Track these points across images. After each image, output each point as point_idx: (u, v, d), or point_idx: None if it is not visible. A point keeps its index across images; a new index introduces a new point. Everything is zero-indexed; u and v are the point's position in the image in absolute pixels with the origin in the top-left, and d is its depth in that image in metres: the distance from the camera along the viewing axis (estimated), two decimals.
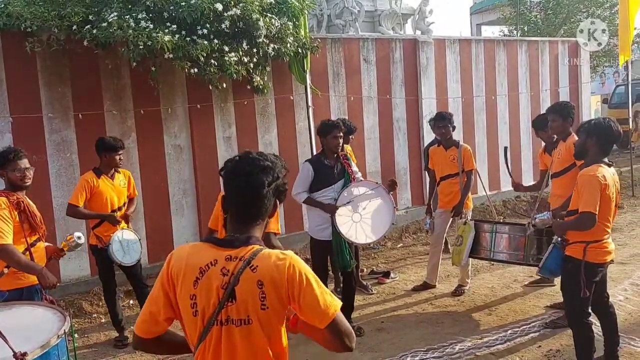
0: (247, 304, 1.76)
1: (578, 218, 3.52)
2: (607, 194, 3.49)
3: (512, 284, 5.95)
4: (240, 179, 1.83)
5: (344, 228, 4.63)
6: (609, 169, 3.57)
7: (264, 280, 1.75)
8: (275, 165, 1.87)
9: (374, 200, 4.77)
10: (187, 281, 1.81)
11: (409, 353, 4.45)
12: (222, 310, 1.77)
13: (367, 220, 4.73)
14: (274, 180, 1.85)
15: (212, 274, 1.79)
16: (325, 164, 4.78)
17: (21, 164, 3.69)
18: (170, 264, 1.86)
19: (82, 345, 5.00)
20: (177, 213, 6.60)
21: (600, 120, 3.65)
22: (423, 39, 8.62)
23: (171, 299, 1.84)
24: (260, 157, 1.87)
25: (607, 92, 19.26)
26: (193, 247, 1.89)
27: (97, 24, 5.37)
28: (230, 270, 1.78)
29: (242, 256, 1.79)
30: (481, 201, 8.38)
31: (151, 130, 6.37)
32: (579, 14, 18.74)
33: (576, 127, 4.15)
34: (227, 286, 1.76)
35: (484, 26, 27.90)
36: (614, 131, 3.57)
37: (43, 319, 2.89)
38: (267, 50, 6.16)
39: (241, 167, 1.84)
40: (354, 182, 4.77)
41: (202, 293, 1.79)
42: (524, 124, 9.91)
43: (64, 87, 5.87)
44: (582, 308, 3.67)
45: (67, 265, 5.90)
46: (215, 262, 1.80)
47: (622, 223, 8.18)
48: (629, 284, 5.67)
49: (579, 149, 3.73)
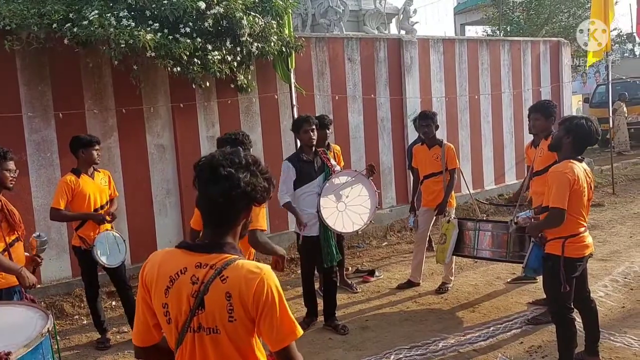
0: (215, 314, 1.74)
1: (547, 215, 3.60)
2: (577, 189, 3.54)
3: (494, 282, 6.01)
4: (203, 182, 1.78)
5: (331, 220, 4.66)
6: (579, 164, 3.64)
7: (232, 293, 1.72)
8: (244, 167, 1.78)
9: (356, 187, 4.83)
10: (159, 289, 1.80)
11: (392, 351, 4.47)
12: (194, 318, 1.76)
13: (351, 207, 4.78)
14: (233, 187, 1.74)
15: (181, 283, 1.77)
16: (304, 160, 4.81)
17: (11, 165, 3.66)
18: (145, 272, 1.86)
19: (64, 347, 4.94)
20: (160, 213, 6.55)
21: (583, 122, 3.67)
22: (407, 39, 8.66)
23: (150, 305, 1.85)
24: (226, 158, 1.78)
25: (589, 92, 19.53)
26: (166, 253, 1.87)
27: (78, 22, 5.30)
28: (199, 279, 1.75)
29: (214, 264, 1.76)
30: (464, 199, 8.44)
31: (133, 130, 6.31)
32: (561, 14, 18.98)
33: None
34: (197, 295, 1.75)
35: (467, 26, 28.13)
36: (593, 135, 3.64)
37: (25, 318, 2.85)
38: (251, 49, 6.13)
39: (206, 169, 1.79)
40: (334, 174, 4.80)
41: (173, 301, 1.78)
42: (507, 123, 10.01)
43: (44, 86, 5.79)
44: (564, 303, 3.72)
45: (47, 267, 5.80)
46: (184, 270, 1.78)
47: (602, 220, 8.30)
48: (609, 281, 5.75)
49: (555, 143, 3.78)
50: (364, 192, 4.85)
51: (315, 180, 4.76)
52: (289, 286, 6.08)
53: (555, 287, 3.67)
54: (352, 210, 4.76)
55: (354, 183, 4.82)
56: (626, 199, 9.82)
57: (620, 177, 11.44)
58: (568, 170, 3.54)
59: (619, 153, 13.86)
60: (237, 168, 1.77)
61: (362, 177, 4.89)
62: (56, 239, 5.87)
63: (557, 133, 3.80)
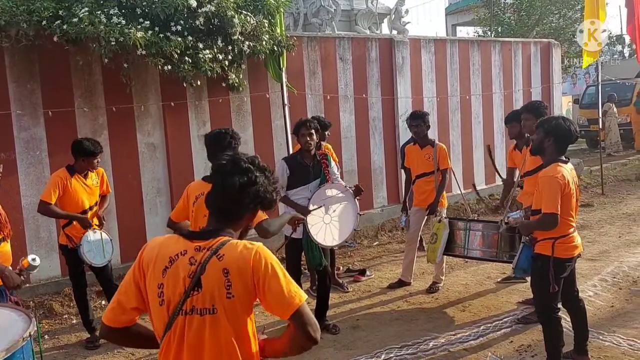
0: (213, 292, 1.77)
1: (541, 219, 3.61)
2: (567, 192, 3.58)
3: (485, 281, 6.03)
4: (223, 174, 1.89)
5: (315, 229, 4.64)
6: (566, 166, 3.67)
7: (230, 269, 1.77)
8: (262, 170, 1.92)
9: (343, 203, 4.81)
10: (156, 270, 1.83)
11: (383, 350, 4.47)
12: (188, 299, 1.78)
13: (335, 222, 4.77)
14: (250, 184, 1.87)
15: (180, 264, 1.81)
16: (300, 162, 4.78)
17: None
18: (143, 254, 1.90)
19: (53, 346, 4.90)
20: (151, 212, 6.51)
21: (561, 122, 3.70)
22: (399, 39, 8.67)
23: (141, 288, 1.87)
24: (248, 158, 1.93)
25: (579, 93, 19.68)
26: (166, 238, 1.93)
27: (68, 19, 5.26)
28: (197, 260, 1.80)
29: (210, 246, 1.82)
30: (456, 199, 8.47)
31: (124, 128, 6.27)
32: (551, 16, 19.12)
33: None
34: (194, 275, 1.78)
35: (458, 27, 28.25)
36: (572, 134, 3.67)
37: (8, 321, 2.80)
38: (243, 47, 6.12)
39: (228, 162, 1.91)
40: (328, 183, 4.78)
41: (170, 282, 1.81)
42: (498, 123, 10.05)
43: (34, 84, 5.74)
44: (551, 303, 3.74)
45: None
46: (185, 252, 1.83)
47: (591, 221, 8.36)
48: (598, 280, 5.79)
49: (536, 147, 3.80)
50: (349, 212, 4.83)
51: (309, 185, 4.73)
52: None
53: (544, 287, 3.69)
54: (334, 225, 4.77)
55: (342, 200, 4.80)
56: (615, 200, 9.90)
57: (610, 177, 11.53)
58: (559, 174, 3.55)
59: (609, 155, 13.96)
60: (256, 168, 1.91)
61: (350, 195, 4.87)
62: (45, 238, 5.83)
63: (536, 137, 3.81)
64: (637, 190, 10.64)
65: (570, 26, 18.69)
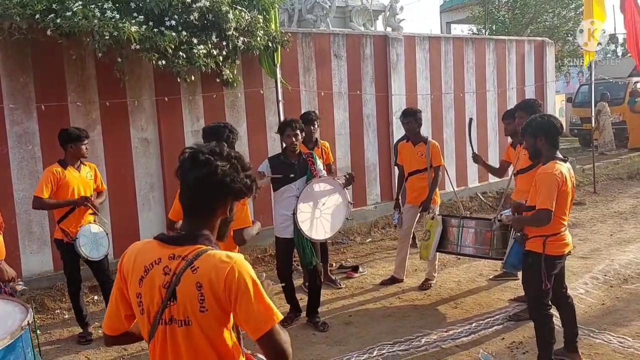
0: (186, 305, 1.73)
1: (535, 215, 3.62)
2: (564, 190, 3.61)
3: (477, 278, 6.06)
4: (184, 170, 1.81)
5: (305, 225, 4.65)
6: (564, 164, 3.69)
7: (203, 283, 1.71)
8: (225, 158, 1.81)
9: (333, 195, 4.81)
10: (134, 279, 1.81)
11: (375, 346, 4.49)
12: (166, 309, 1.76)
13: (326, 216, 4.77)
14: (210, 175, 1.77)
15: (155, 273, 1.78)
16: (284, 162, 4.79)
17: None
18: (123, 263, 1.87)
19: (45, 341, 4.88)
20: (144, 208, 6.49)
21: (543, 119, 3.75)
22: (393, 36, 8.68)
23: (126, 295, 1.86)
24: (208, 148, 1.81)
25: (572, 91, 19.77)
26: (144, 244, 1.87)
27: (61, 13, 5.21)
28: (172, 270, 1.75)
29: (185, 255, 1.76)
30: (449, 197, 8.49)
31: (117, 123, 6.24)
32: (545, 15, 19.19)
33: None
34: (169, 286, 1.75)
35: (453, 24, 28.28)
36: (557, 126, 3.71)
37: (3, 311, 2.81)
38: (237, 43, 6.10)
39: (187, 157, 1.82)
40: (315, 179, 4.78)
41: (146, 292, 1.78)
42: (491, 121, 10.08)
43: (26, 78, 5.70)
44: (542, 300, 3.77)
45: (29, 260, 5.75)
46: (159, 260, 1.78)
47: (583, 219, 8.42)
48: (589, 278, 5.83)
49: (532, 151, 3.84)
50: (339, 203, 4.83)
51: (294, 183, 4.73)
52: (272, 281, 6.05)
53: (535, 284, 3.72)
54: (326, 218, 4.78)
55: (332, 192, 4.81)
56: (607, 198, 9.98)
57: (602, 176, 11.60)
58: (557, 171, 3.58)
59: (601, 153, 14.04)
60: (216, 157, 1.80)
61: (339, 186, 4.88)
62: (37, 233, 5.80)
63: (527, 143, 3.83)
64: (628, 189, 10.73)
65: (564, 25, 18.78)
